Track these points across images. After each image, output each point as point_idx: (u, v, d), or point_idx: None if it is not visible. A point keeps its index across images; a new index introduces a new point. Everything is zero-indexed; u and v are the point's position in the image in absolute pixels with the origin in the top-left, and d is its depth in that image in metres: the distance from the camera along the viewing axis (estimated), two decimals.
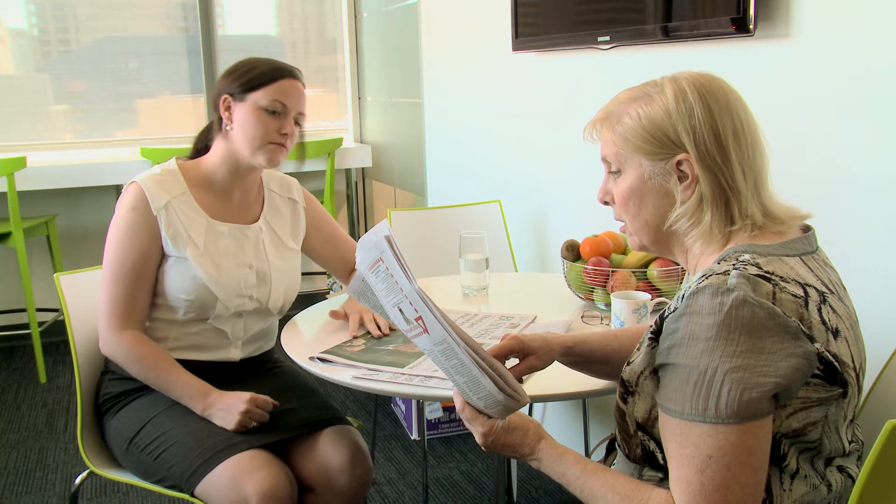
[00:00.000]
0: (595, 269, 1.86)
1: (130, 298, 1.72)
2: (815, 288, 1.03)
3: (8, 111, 4.11)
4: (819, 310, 1.01)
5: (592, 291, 1.89)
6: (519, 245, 2.87)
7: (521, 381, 1.31)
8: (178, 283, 1.74)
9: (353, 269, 1.98)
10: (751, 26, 1.71)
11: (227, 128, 1.78)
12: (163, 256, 1.75)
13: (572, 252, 1.98)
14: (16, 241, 3.52)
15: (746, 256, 1.04)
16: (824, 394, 1.01)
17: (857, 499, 0.96)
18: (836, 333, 1.01)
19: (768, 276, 1.01)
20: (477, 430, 1.15)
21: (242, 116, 1.75)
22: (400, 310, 1.09)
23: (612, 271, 1.84)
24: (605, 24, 2.22)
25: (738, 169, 1.07)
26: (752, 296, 0.97)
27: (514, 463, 1.91)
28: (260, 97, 1.74)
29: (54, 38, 4.18)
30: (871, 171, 1.55)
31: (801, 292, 1.01)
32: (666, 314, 1.05)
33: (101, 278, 1.75)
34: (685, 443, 0.99)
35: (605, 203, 1.19)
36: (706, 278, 1.01)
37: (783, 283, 1.01)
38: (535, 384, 1.45)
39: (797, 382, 0.98)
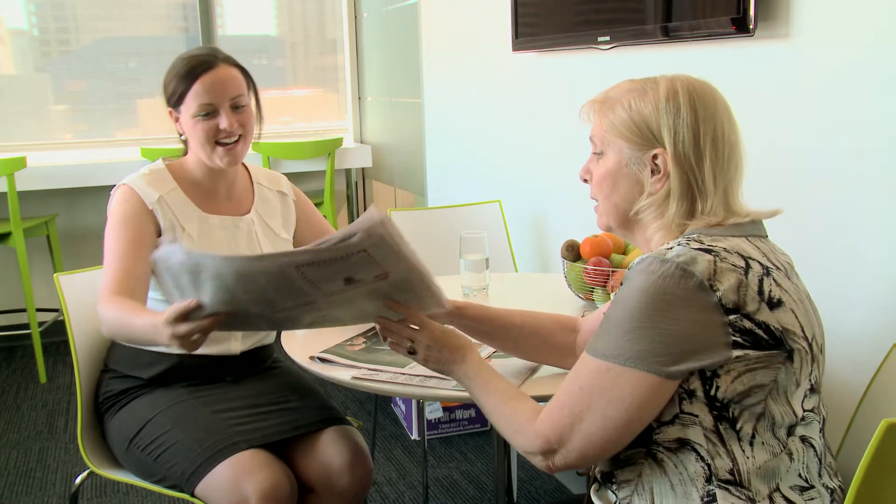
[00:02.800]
0: (595, 269, 1.86)
1: (123, 271, 1.66)
2: (758, 262, 1.09)
3: (8, 111, 4.11)
4: (760, 280, 1.07)
5: (592, 291, 1.89)
6: (519, 245, 2.87)
7: None
8: None
9: None
10: (751, 26, 1.71)
11: (182, 137, 1.81)
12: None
13: (572, 252, 1.98)
14: (16, 241, 3.53)
15: (693, 235, 1.11)
16: (765, 357, 1.05)
17: (853, 497, 0.96)
18: (777, 303, 1.06)
19: (710, 248, 1.07)
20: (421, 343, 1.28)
21: (185, 127, 1.77)
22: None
23: (612, 271, 1.84)
24: (605, 24, 2.22)
25: (709, 172, 1.13)
26: (685, 266, 1.04)
27: (514, 463, 1.91)
28: (189, 106, 1.74)
29: (54, 38, 4.18)
30: (870, 169, 1.55)
31: (742, 263, 1.07)
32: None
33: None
34: (576, 369, 1.11)
35: (585, 181, 1.26)
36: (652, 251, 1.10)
37: (725, 254, 1.07)
38: (536, 384, 1.45)
39: (708, 353, 1.03)
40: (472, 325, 1.46)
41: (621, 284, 1.11)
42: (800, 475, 1.09)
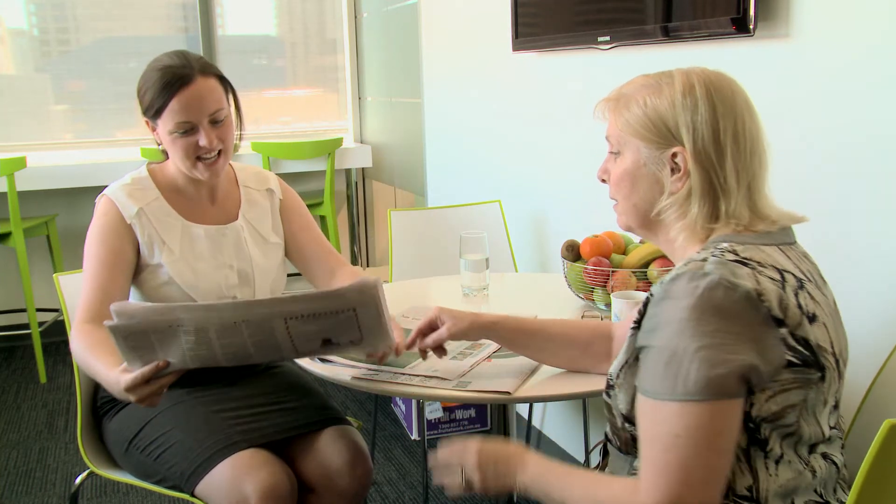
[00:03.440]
0: (595, 269, 1.86)
1: (96, 296, 1.64)
2: (792, 274, 1.06)
3: (8, 111, 4.11)
4: (796, 294, 1.04)
5: (592, 291, 1.89)
6: (519, 245, 2.87)
7: (443, 349, 1.47)
8: (157, 291, 1.73)
9: (335, 273, 1.91)
10: (751, 26, 1.71)
11: (161, 148, 1.77)
12: (139, 265, 1.73)
13: (572, 252, 1.98)
14: (16, 241, 3.53)
15: (724, 245, 1.07)
16: (802, 376, 1.02)
17: (854, 499, 0.96)
18: (812, 318, 1.04)
19: (745, 261, 1.04)
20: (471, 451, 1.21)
21: (163, 140, 1.73)
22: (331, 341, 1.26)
23: (612, 271, 1.84)
24: (605, 24, 2.22)
25: (731, 170, 1.09)
26: (729, 279, 1.00)
27: None
28: (165, 123, 1.68)
29: (54, 38, 4.18)
30: (870, 169, 1.55)
31: (778, 276, 1.04)
32: (647, 301, 1.08)
33: None
34: (655, 422, 1.02)
35: (603, 181, 1.22)
36: (686, 265, 1.04)
37: (760, 268, 1.03)
38: (536, 384, 1.45)
39: (767, 366, 1.00)
40: (508, 337, 1.45)
41: (647, 306, 1.05)
42: (815, 490, 1.07)
